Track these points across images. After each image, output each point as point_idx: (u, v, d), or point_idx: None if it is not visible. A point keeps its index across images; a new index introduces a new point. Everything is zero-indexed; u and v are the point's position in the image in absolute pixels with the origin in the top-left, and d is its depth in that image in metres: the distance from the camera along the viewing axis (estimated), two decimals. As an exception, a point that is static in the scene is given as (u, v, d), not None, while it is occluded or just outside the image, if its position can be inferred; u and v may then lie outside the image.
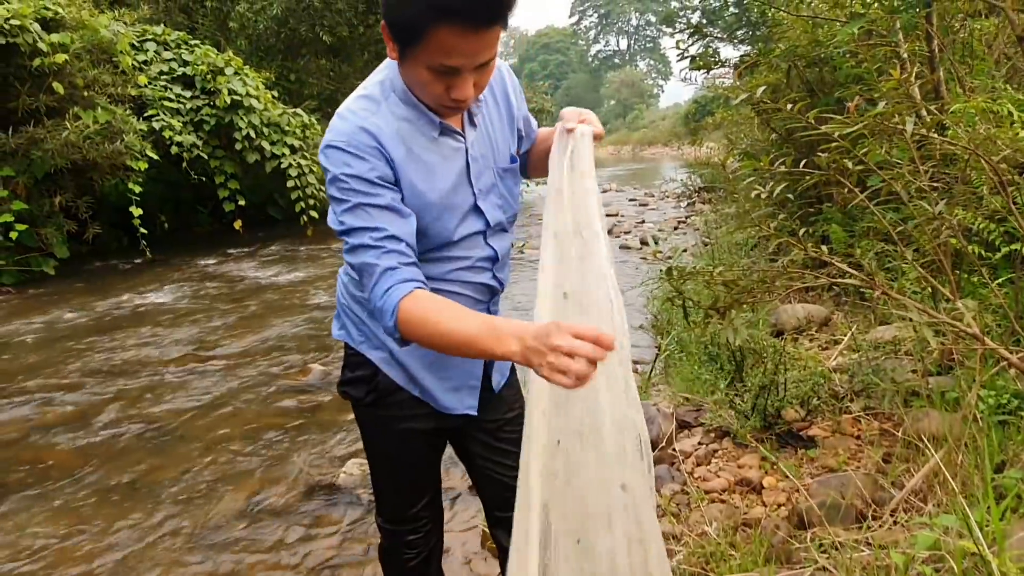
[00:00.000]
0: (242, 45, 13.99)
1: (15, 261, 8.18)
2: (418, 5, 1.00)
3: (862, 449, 2.51)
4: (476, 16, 1.01)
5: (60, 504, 3.03)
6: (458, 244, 1.33)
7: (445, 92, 1.13)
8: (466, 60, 1.07)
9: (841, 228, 4.12)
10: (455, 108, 1.19)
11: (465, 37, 1.03)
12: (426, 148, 1.25)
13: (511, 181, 1.41)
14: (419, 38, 1.04)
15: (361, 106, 1.23)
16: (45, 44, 7.55)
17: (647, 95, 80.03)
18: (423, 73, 1.11)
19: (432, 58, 1.07)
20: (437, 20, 1.00)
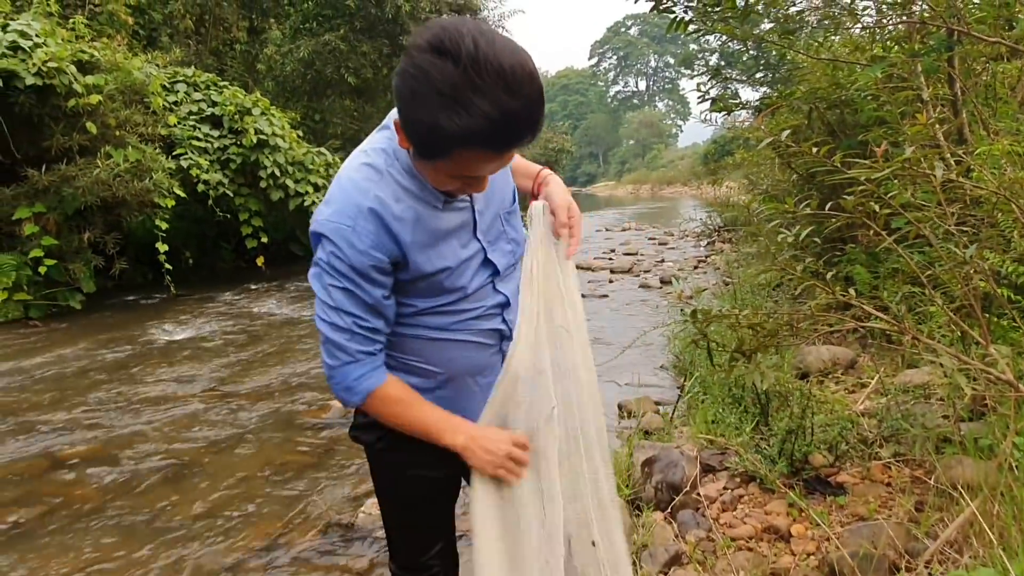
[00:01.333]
0: (269, 86, 14.37)
1: (43, 295, 8.33)
2: (446, 135, 0.97)
3: (893, 497, 2.44)
4: (508, 144, 1.01)
5: (80, 539, 3.03)
6: (471, 296, 1.32)
7: (461, 188, 1.14)
8: (490, 171, 1.10)
9: (866, 269, 4.09)
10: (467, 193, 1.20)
11: (494, 158, 1.04)
12: (431, 216, 1.23)
13: (516, 219, 1.40)
14: (444, 155, 1.03)
15: (364, 175, 1.20)
16: (80, 86, 7.79)
17: (666, 135, 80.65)
18: (441, 176, 1.11)
19: (455, 170, 1.07)
20: (466, 147, 0.99)
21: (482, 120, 0.93)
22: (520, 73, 0.94)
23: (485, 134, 0.96)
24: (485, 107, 0.92)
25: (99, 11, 12.44)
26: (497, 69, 0.92)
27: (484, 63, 0.92)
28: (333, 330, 1.24)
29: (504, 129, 0.96)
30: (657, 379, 4.91)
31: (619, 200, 45.90)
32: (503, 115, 0.94)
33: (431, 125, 0.97)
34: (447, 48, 0.93)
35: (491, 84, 0.92)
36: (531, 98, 0.96)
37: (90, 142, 8.16)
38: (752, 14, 3.37)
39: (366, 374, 1.26)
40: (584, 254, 13.52)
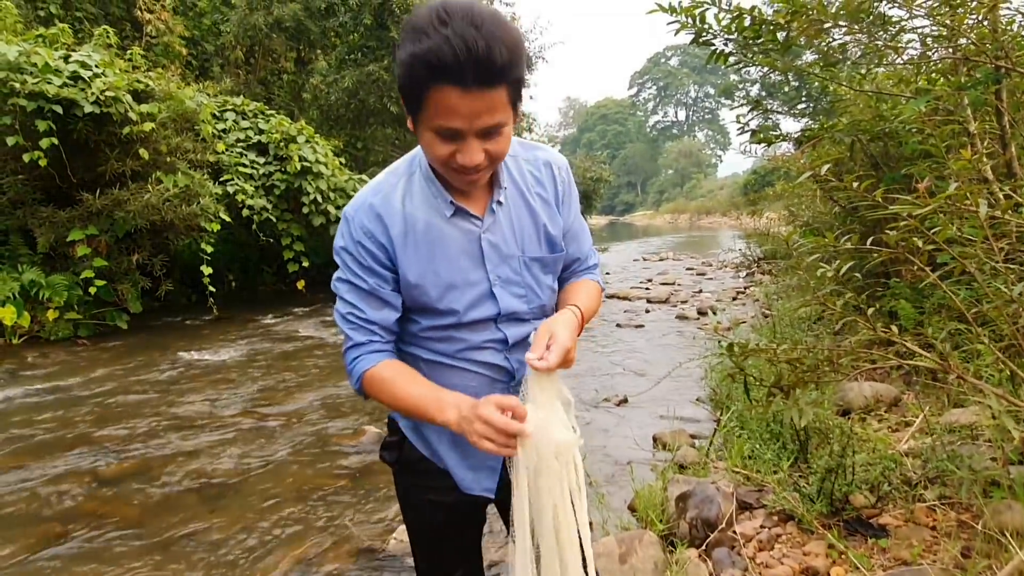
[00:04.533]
0: (314, 115, 14.72)
1: (92, 315, 8.59)
2: (416, 69, 1.03)
3: (938, 541, 2.36)
4: (468, 76, 1.02)
5: (118, 556, 3.08)
6: (467, 325, 1.32)
7: (452, 156, 1.13)
8: (465, 122, 1.07)
9: (910, 304, 4.00)
10: (463, 174, 1.17)
11: (462, 97, 1.04)
12: (438, 226, 1.26)
13: (540, 270, 1.36)
14: (421, 102, 1.07)
15: (383, 179, 1.30)
16: (135, 114, 8.10)
17: (705, 165, 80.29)
18: (429, 137, 1.12)
19: (433, 120, 1.09)
20: (434, 81, 1.03)
21: (445, 45, 0.99)
22: (488, 16, 1.02)
23: (447, 60, 0.99)
24: (447, 32, 0.99)
25: (155, 42, 12.99)
26: (466, 9, 1.01)
27: (456, 6, 1.02)
28: (339, 318, 1.33)
29: (465, 55, 0.99)
30: (693, 412, 4.84)
31: (657, 229, 45.68)
32: (465, 43, 0.98)
33: (406, 60, 1.04)
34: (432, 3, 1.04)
35: (457, 18, 1.00)
36: (496, 37, 1.01)
37: (142, 167, 8.45)
38: (793, 46, 3.37)
39: (360, 357, 1.31)
40: (621, 283, 13.46)
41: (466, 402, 1.19)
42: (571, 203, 1.42)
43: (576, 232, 1.45)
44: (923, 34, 3.33)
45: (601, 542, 2.56)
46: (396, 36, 14.00)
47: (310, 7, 14.28)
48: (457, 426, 1.18)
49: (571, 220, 1.42)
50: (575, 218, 1.44)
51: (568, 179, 1.41)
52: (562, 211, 1.39)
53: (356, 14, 14.25)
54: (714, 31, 3.47)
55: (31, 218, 8.34)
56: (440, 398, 1.23)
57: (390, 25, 14.10)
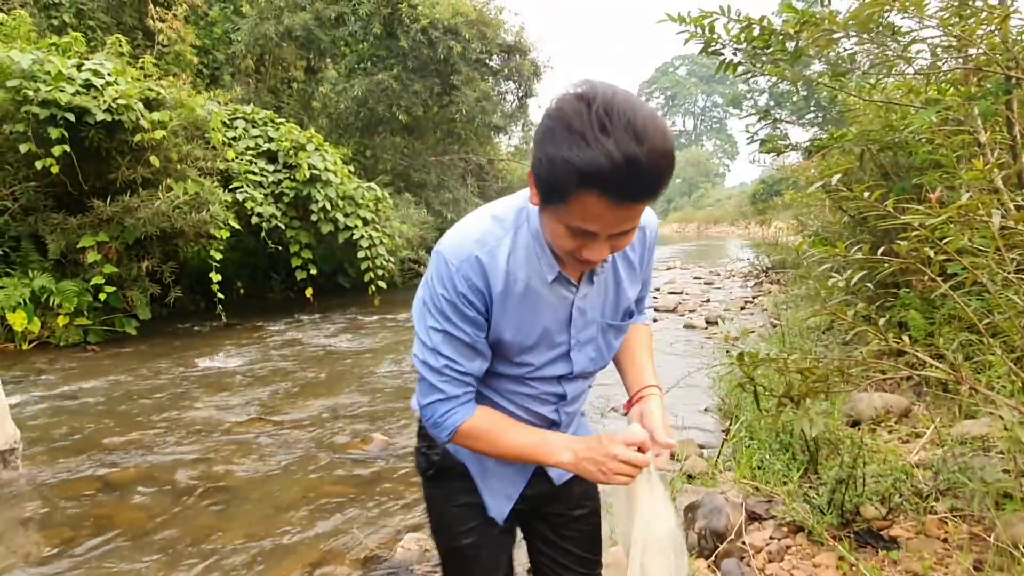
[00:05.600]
0: (323, 123, 14.80)
1: (101, 321, 8.64)
2: (567, 168, 0.97)
3: (950, 554, 2.34)
4: (626, 192, 0.98)
5: (126, 561, 3.09)
6: (533, 379, 1.34)
7: (577, 250, 1.10)
8: (606, 229, 1.05)
9: (921, 315, 3.98)
10: (583, 264, 1.16)
11: (610, 209, 1.00)
12: (537, 288, 1.24)
13: (613, 336, 1.39)
14: (563, 199, 1.02)
15: (488, 228, 1.22)
16: (147, 121, 8.16)
17: (713, 174, 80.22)
18: (560, 228, 1.08)
19: (571, 219, 1.05)
20: (585, 189, 0.98)
21: (603, 158, 0.94)
22: (650, 126, 0.96)
23: (605, 174, 0.95)
24: (609, 146, 0.93)
25: (167, 51, 13.10)
26: (628, 117, 0.95)
27: (617, 110, 0.95)
28: (427, 369, 1.27)
29: (624, 172, 0.95)
30: (701, 421, 4.82)
31: (665, 238, 45.64)
32: (625, 157, 0.94)
33: (556, 158, 0.98)
34: (586, 94, 0.97)
35: (619, 128, 0.94)
36: (657, 150, 0.96)
37: (153, 175, 8.51)
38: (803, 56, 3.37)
39: (453, 409, 1.28)
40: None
41: (581, 443, 1.24)
42: (652, 259, 1.43)
43: (646, 281, 1.47)
44: (933, 44, 3.33)
45: (610, 552, 2.55)
46: (405, 45, 14.09)
47: (320, 16, 14.38)
48: (575, 466, 1.24)
49: (648, 270, 1.44)
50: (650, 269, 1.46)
51: (655, 239, 1.41)
52: (642, 271, 1.41)
53: (366, 23, 14.34)
54: (723, 41, 3.48)
55: (42, 224, 8.41)
56: (548, 441, 1.28)
57: (399, 34, 14.18)
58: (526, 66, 16.27)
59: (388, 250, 11.38)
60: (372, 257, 11.01)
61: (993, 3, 2.65)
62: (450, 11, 14.30)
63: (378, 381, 6.50)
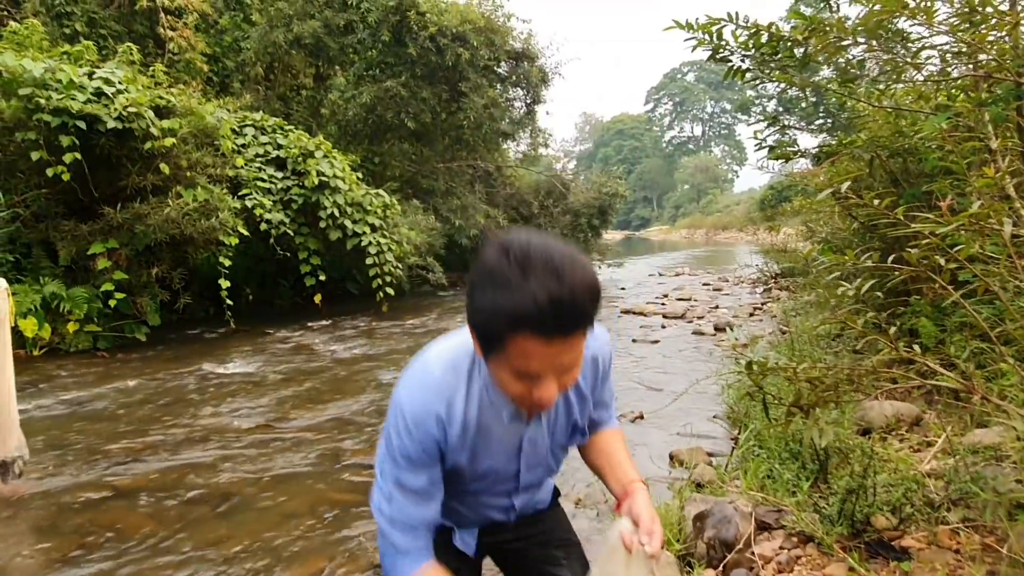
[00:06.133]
0: (332, 130, 14.86)
1: (111, 327, 8.68)
2: (498, 319, 1.04)
3: (962, 565, 2.31)
4: (555, 328, 1.03)
5: (132, 569, 3.09)
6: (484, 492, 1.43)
7: (528, 393, 1.14)
8: (546, 366, 1.09)
9: (932, 323, 3.94)
10: (536, 407, 1.19)
11: (545, 346, 1.05)
12: (494, 426, 1.30)
13: (563, 452, 1.47)
14: (502, 345, 1.07)
15: (446, 380, 1.26)
16: (157, 129, 8.22)
17: (722, 180, 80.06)
18: (505, 375, 1.13)
19: (512, 363, 1.09)
20: (516, 332, 1.03)
21: (530, 301, 0.99)
22: (568, 263, 1.02)
23: (533, 316, 1.00)
24: (532, 288, 0.99)
25: (177, 59, 13.20)
26: (546, 259, 1.01)
27: (535, 254, 1.02)
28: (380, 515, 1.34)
29: (550, 312, 1.00)
30: (710, 429, 4.79)
31: (673, 244, 45.56)
32: (549, 297, 0.99)
33: (486, 309, 1.05)
34: (505, 245, 1.05)
35: (538, 270, 1.00)
36: (577, 286, 1.02)
37: (163, 182, 8.56)
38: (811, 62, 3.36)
39: (405, 565, 1.33)
40: (636, 298, 13.41)
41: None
42: (606, 384, 1.47)
43: (606, 401, 1.51)
44: (943, 50, 3.31)
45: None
46: (414, 52, 14.14)
47: (329, 24, 14.44)
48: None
49: (602, 394, 1.47)
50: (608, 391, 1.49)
51: (609, 366, 1.45)
52: (595, 395, 1.44)
53: (374, 31, 14.40)
54: (731, 48, 3.47)
55: (53, 231, 8.46)
56: None
57: (407, 42, 14.23)
58: (534, 73, 16.30)
59: (396, 256, 11.39)
60: (380, 264, 11.03)
61: (1003, 9, 2.63)
62: (458, 18, 14.34)
63: (385, 388, 6.50)
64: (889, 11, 2.42)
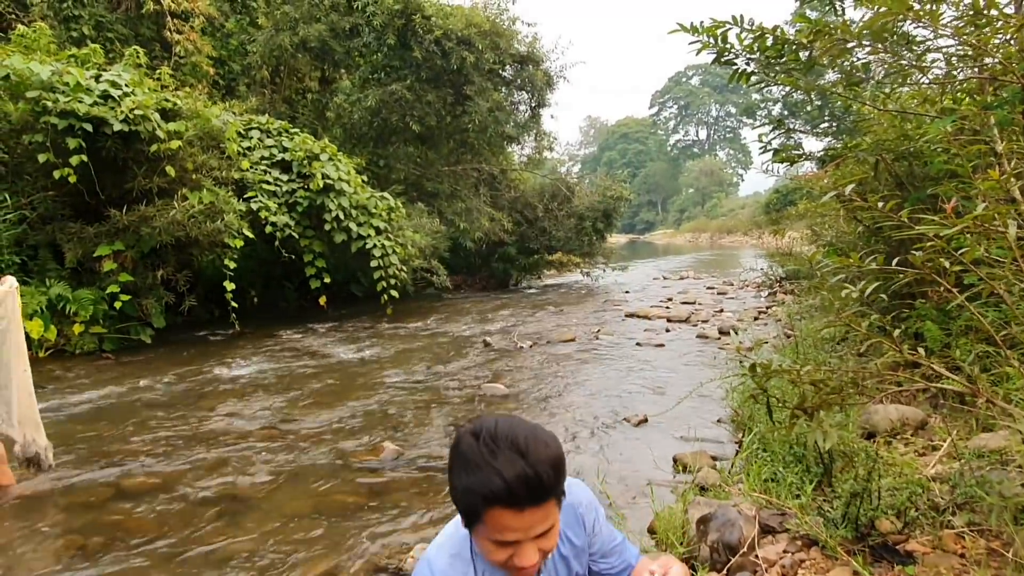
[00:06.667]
0: (337, 133, 14.90)
1: (116, 329, 8.71)
2: (472, 494, 1.16)
3: (967, 569, 2.30)
4: (524, 500, 1.15)
5: (137, 570, 3.09)
6: None
7: (509, 559, 1.23)
8: (521, 534, 1.19)
9: (937, 326, 3.93)
10: (521, 573, 1.27)
11: (517, 517, 1.17)
12: None
13: None
14: (479, 518, 1.19)
15: (448, 565, 1.33)
16: (163, 132, 8.25)
17: (726, 184, 79.91)
18: (487, 544, 1.23)
19: (491, 534, 1.20)
20: (489, 506, 1.16)
21: (496, 478, 1.13)
22: (532, 442, 1.17)
23: (501, 491, 1.13)
24: (500, 467, 1.13)
25: (184, 62, 13.26)
26: (511, 439, 1.16)
27: (500, 436, 1.16)
28: None
29: (518, 485, 1.13)
30: (714, 433, 4.78)
31: (677, 248, 45.52)
32: (515, 474, 1.13)
33: (461, 488, 1.18)
34: (475, 429, 1.19)
35: (504, 449, 1.15)
36: (541, 461, 1.15)
37: (168, 184, 8.60)
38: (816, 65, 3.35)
39: None
40: (640, 302, 13.40)
41: None
42: (601, 531, 1.54)
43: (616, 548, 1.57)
44: (948, 53, 3.31)
45: None
46: (419, 56, 14.17)
47: (335, 28, 14.49)
48: None
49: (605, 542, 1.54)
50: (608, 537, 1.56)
51: (595, 514, 1.52)
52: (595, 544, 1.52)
53: (380, 34, 14.43)
54: (736, 51, 3.47)
55: (60, 233, 8.50)
56: None
57: (413, 45, 14.26)
58: (539, 76, 16.31)
59: (401, 259, 11.41)
60: (385, 266, 11.05)
61: (1009, 12, 2.63)
62: (463, 22, 14.37)
63: (390, 390, 6.51)
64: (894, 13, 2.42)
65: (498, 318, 11.76)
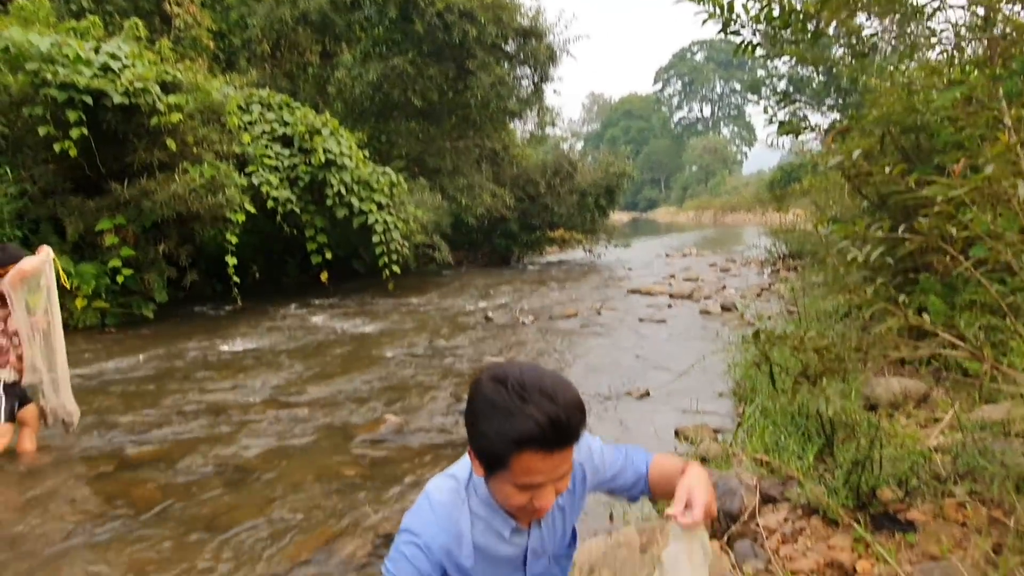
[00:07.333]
0: (339, 108, 14.78)
1: (119, 303, 8.71)
2: (503, 439, 1.17)
3: (968, 537, 2.31)
4: (555, 443, 1.17)
5: (140, 537, 3.12)
6: None
7: (529, 502, 1.25)
8: (548, 477, 1.21)
9: (940, 300, 3.92)
10: (535, 513, 1.29)
11: (547, 459, 1.19)
12: (493, 545, 1.37)
13: (565, 561, 1.53)
14: (506, 464, 1.20)
15: (445, 514, 1.35)
16: (163, 105, 8.18)
17: (730, 161, 79.38)
18: (509, 489, 1.24)
19: (517, 479, 1.21)
20: (520, 451, 1.17)
21: (531, 423, 1.15)
22: (559, 387, 1.19)
23: (535, 434, 1.15)
24: (532, 412, 1.15)
25: (183, 36, 13.13)
26: (539, 386, 1.18)
27: (529, 383, 1.18)
28: None
29: (550, 428, 1.15)
30: (716, 406, 4.79)
31: (680, 226, 45.38)
32: (548, 417, 1.15)
33: (490, 433, 1.19)
34: (499, 376, 1.20)
35: (535, 395, 1.16)
36: (569, 404, 1.18)
37: (169, 158, 8.54)
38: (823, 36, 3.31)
39: None
40: (643, 279, 13.39)
41: None
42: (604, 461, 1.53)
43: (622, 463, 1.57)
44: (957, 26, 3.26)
45: (622, 532, 2.55)
46: (420, 29, 14.02)
47: (336, 1, 14.33)
48: None
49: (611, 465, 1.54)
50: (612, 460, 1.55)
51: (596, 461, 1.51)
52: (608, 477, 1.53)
53: (381, 7, 14.28)
54: (742, 21, 3.42)
55: (61, 207, 8.47)
56: None
57: (414, 18, 14.10)
58: (542, 50, 16.14)
59: (402, 235, 11.38)
60: (387, 242, 11.03)
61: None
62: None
63: (390, 365, 6.52)
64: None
65: (500, 294, 11.76)
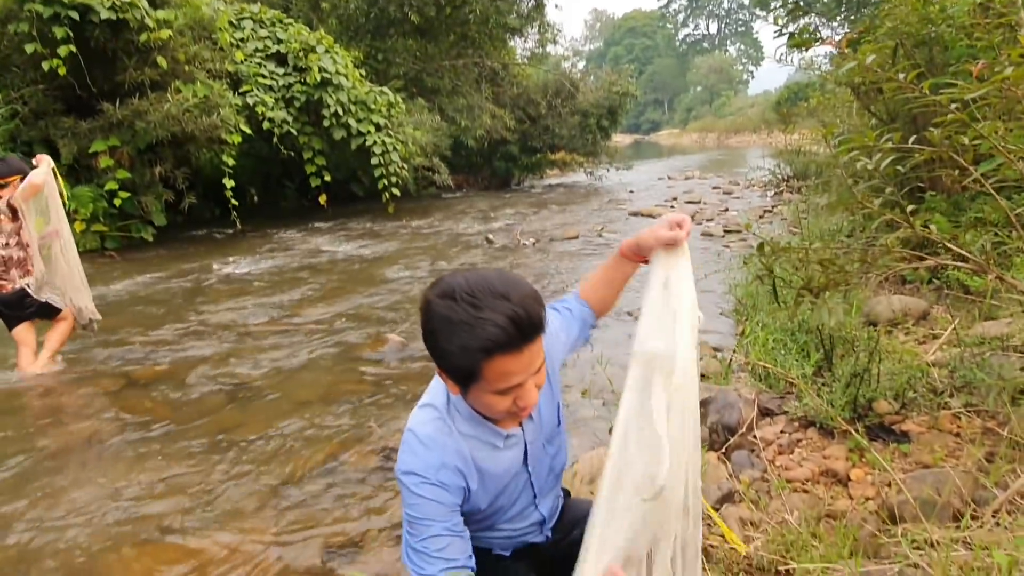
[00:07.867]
0: (333, 24, 14.31)
1: (117, 227, 8.67)
2: (468, 352, 1.13)
3: (961, 447, 2.35)
4: (520, 340, 1.13)
5: (152, 452, 3.19)
6: (512, 517, 1.46)
7: (512, 403, 1.22)
8: (523, 375, 1.18)
9: (945, 219, 3.88)
10: (520, 414, 1.26)
11: (517, 359, 1.15)
12: (491, 458, 1.34)
13: (559, 440, 1.51)
14: (478, 376, 1.16)
15: (438, 429, 1.31)
16: (152, 20, 7.91)
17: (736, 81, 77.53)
18: (490, 398, 1.21)
19: (493, 385, 1.17)
20: (489, 357, 1.13)
21: (492, 328, 1.11)
22: (509, 284, 1.16)
23: (499, 337, 1.11)
24: (489, 316, 1.11)
25: (169, -53, 12.56)
26: (489, 289, 1.14)
27: (478, 289, 1.14)
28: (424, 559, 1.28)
29: (512, 328, 1.12)
30: (715, 325, 4.81)
31: (683, 148, 44.72)
32: (506, 317, 1.12)
33: (457, 349, 1.14)
34: (448, 291, 1.16)
35: (488, 300, 1.13)
36: (525, 297, 1.15)
37: (161, 77, 8.33)
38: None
39: None
40: (645, 201, 13.27)
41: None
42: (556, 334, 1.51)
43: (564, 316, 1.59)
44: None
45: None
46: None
47: (327, -91, 13.68)
48: None
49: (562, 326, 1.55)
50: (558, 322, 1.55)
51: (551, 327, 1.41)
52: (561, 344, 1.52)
53: (375, -84, 13.64)
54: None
55: (53, 129, 8.32)
56: None
57: (411, -72, 13.49)
58: (543, -37, 15.52)
59: (402, 157, 11.22)
60: (386, 164, 10.87)
61: None
62: (464, -98, 13.54)
63: (392, 286, 6.53)
64: None
65: (500, 216, 11.68)
